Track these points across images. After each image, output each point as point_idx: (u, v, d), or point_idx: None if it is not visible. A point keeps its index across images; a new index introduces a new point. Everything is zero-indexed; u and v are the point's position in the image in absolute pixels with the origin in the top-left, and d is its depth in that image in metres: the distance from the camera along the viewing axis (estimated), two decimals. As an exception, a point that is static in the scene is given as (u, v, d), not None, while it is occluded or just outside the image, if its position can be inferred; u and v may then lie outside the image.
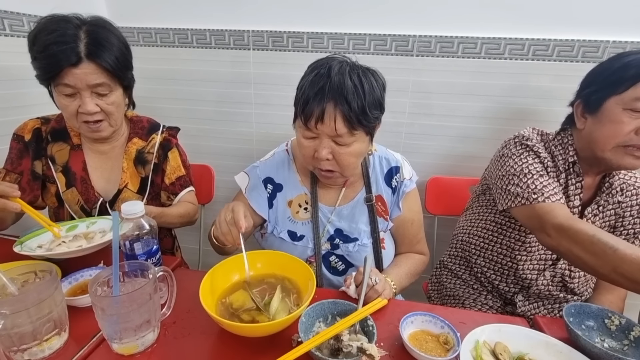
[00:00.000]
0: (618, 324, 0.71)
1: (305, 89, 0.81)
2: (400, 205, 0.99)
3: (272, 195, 1.00)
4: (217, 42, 1.46)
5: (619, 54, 0.87)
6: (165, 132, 1.12)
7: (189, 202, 1.13)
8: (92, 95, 0.89)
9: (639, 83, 0.80)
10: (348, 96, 0.77)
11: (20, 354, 0.59)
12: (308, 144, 0.85)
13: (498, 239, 1.05)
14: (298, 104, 0.83)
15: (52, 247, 0.84)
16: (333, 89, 0.77)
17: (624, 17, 1.20)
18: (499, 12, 1.25)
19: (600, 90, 0.87)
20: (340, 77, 0.78)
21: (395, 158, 1.02)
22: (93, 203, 1.03)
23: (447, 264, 1.20)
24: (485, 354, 0.62)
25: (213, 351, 0.65)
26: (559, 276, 0.99)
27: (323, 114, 0.78)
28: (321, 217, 0.98)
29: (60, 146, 1.03)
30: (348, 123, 0.79)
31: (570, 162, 0.94)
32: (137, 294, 0.59)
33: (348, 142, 0.82)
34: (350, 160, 0.85)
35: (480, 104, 1.38)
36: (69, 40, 0.83)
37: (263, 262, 0.80)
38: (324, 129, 0.80)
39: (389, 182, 1.00)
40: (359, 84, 0.79)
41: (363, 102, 0.78)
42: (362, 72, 0.81)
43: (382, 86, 0.85)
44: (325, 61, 0.82)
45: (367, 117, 0.80)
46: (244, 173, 1.03)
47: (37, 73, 0.88)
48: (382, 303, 0.73)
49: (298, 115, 0.84)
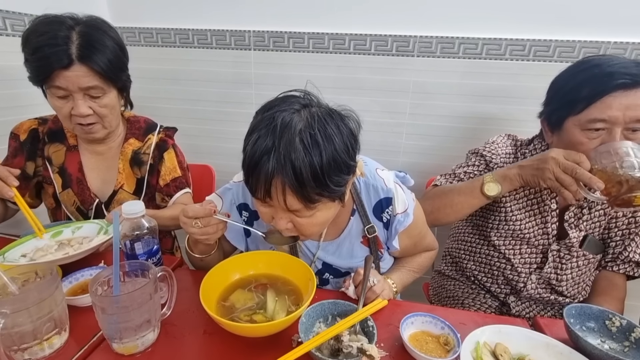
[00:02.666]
0: (619, 325, 0.71)
1: (248, 152, 0.62)
2: (394, 243, 0.86)
3: (248, 222, 0.88)
4: (218, 43, 1.46)
5: (577, 64, 0.87)
6: (162, 133, 1.10)
7: (184, 204, 1.09)
8: (84, 97, 0.88)
9: (592, 105, 0.79)
10: (296, 163, 0.58)
11: (21, 353, 0.59)
12: (264, 210, 0.69)
13: (484, 241, 1.06)
14: (243, 168, 0.65)
15: (36, 256, 0.79)
16: (278, 158, 0.59)
17: (624, 17, 1.20)
18: (500, 12, 1.25)
19: (559, 110, 0.87)
20: (289, 139, 0.59)
21: (386, 187, 0.82)
22: (89, 204, 1.03)
23: (443, 271, 1.21)
24: (485, 355, 0.62)
25: (213, 351, 0.65)
26: (544, 279, 0.99)
27: (269, 190, 0.62)
28: (306, 252, 0.87)
29: (56, 147, 1.02)
30: (302, 198, 0.62)
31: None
32: (137, 294, 0.59)
33: (308, 215, 0.66)
34: (313, 230, 0.71)
35: (481, 104, 1.38)
36: (60, 43, 0.82)
37: (263, 262, 0.80)
38: (275, 204, 0.65)
39: (378, 215, 0.84)
40: (313, 147, 0.59)
41: (318, 172, 0.59)
42: (321, 125, 0.61)
43: (351, 136, 0.66)
44: (275, 111, 0.63)
45: (326, 188, 0.62)
46: (217, 195, 0.90)
47: (29, 75, 0.87)
48: (382, 303, 0.73)
49: (244, 181, 0.68)
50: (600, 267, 1.02)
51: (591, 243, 0.96)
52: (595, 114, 0.79)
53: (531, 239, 0.97)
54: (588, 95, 0.80)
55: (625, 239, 0.96)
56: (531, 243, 0.98)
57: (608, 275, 1.02)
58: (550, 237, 0.96)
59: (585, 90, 0.81)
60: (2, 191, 0.83)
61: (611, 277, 1.01)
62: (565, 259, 0.96)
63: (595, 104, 0.79)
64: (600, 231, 0.97)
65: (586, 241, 0.95)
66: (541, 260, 0.99)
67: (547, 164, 0.81)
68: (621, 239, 0.97)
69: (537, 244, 0.97)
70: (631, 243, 0.96)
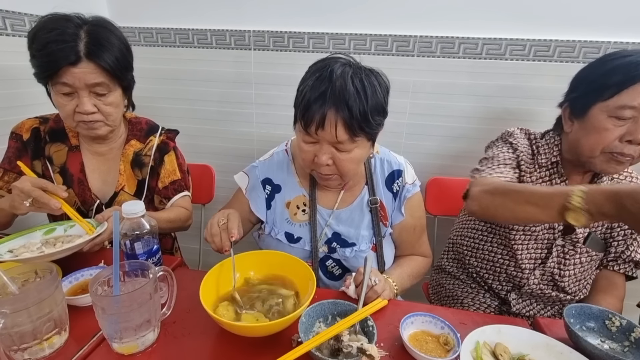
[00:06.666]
0: (619, 325, 0.71)
1: (306, 93, 0.78)
2: (402, 210, 0.97)
3: (270, 196, 0.99)
4: (218, 42, 1.46)
5: (606, 55, 0.86)
6: (164, 135, 1.10)
7: (182, 207, 1.10)
8: (90, 95, 0.89)
9: (623, 91, 0.79)
10: (350, 102, 0.74)
11: (21, 353, 0.59)
12: (308, 148, 0.83)
13: (488, 237, 1.06)
14: (298, 108, 0.81)
15: (19, 252, 0.79)
16: (334, 94, 0.75)
17: (625, 17, 1.20)
18: (500, 12, 1.25)
19: (586, 96, 0.86)
20: (342, 81, 0.75)
21: (398, 161, 0.99)
22: (90, 205, 1.03)
23: (444, 267, 1.21)
24: (485, 354, 0.62)
25: (213, 351, 0.65)
26: (548, 274, 0.99)
27: (324, 121, 0.76)
28: (319, 219, 0.97)
29: (58, 147, 1.02)
30: (349, 130, 0.76)
31: (552, 161, 0.95)
32: (137, 294, 0.59)
33: (349, 149, 0.81)
34: (350, 167, 0.84)
35: (481, 104, 1.38)
36: (68, 39, 0.83)
37: (263, 262, 0.80)
38: (325, 136, 0.78)
39: (389, 186, 0.98)
40: (361, 89, 0.76)
41: (365, 108, 0.75)
42: (366, 75, 0.78)
43: (385, 89, 0.82)
44: (327, 63, 0.79)
45: (369, 124, 0.77)
46: (244, 173, 1.03)
47: (35, 71, 0.87)
48: (382, 303, 0.73)
49: (298, 119, 0.82)
50: (602, 266, 1.02)
51: (594, 240, 0.96)
52: (625, 100, 0.79)
53: (538, 234, 0.97)
54: (619, 81, 0.79)
55: (628, 239, 0.97)
56: (538, 238, 0.98)
57: (608, 275, 1.02)
58: (556, 231, 0.96)
59: (616, 76, 0.80)
60: (49, 204, 0.80)
61: (611, 276, 1.01)
62: (569, 254, 0.97)
63: (627, 91, 0.79)
64: (603, 230, 0.98)
65: (589, 238, 0.96)
66: (545, 255, 0.99)
67: None
68: (623, 239, 0.97)
69: (542, 238, 0.98)
70: (633, 242, 0.96)
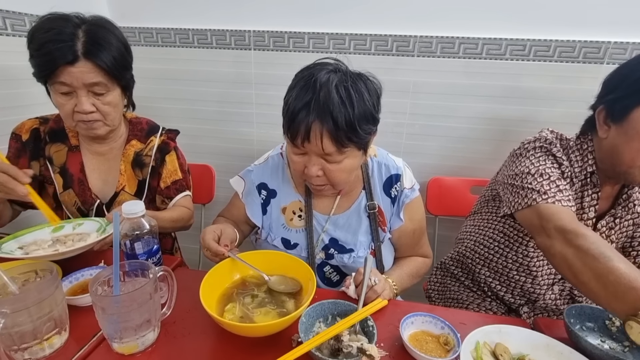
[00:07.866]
0: (619, 325, 0.71)
1: (291, 104, 0.75)
2: (401, 216, 0.95)
3: (266, 201, 0.97)
4: (218, 42, 1.46)
5: None
6: (164, 135, 1.10)
7: (183, 206, 1.10)
8: (88, 94, 0.89)
9: None
10: (334, 112, 0.71)
11: (21, 352, 0.59)
12: (298, 159, 0.81)
13: (504, 251, 1.00)
14: (284, 118, 0.79)
15: (30, 250, 0.80)
16: (318, 104, 0.72)
17: (625, 17, 1.20)
18: (500, 12, 1.25)
19: (626, 97, 0.76)
20: (327, 90, 0.72)
21: (396, 165, 0.95)
22: (90, 205, 1.03)
23: (449, 267, 1.17)
24: (485, 354, 0.62)
25: (213, 351, 0.65)
26: (567, 290, 0.95)
27: (309, 133, 0.73)
28: (316, 225, 0.95)
29: (58, 147, 1.02)
30: (336, 142, 0.74)
31: (588, 171, 0.86)
32: (137, 294, 0.59)
33: (338, 160, 0.78)
34: (341, 177, 0.82)
35: (482, 104, 1.38)
36: (66, 39, 0.83)
37: (263, 262, 0.80)
38: (311, 148, 0.76)
39: (387, 191, 0.95)
40: (346, 97, 0.72)
41: (351, 118, 0.72)
42: (353, 81, 0.75)
43: (375, 95, 0.79)
44: (312, 71, 0.76)
45: (356, 134, 0.74)
46: (239, 177, 1.01)
47: (34, 71, 0.87)
48: (382, 303, 0.73)
49: (284, 130, 0.80)
50: None
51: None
52: None
53: None
54: None
55: None
56: None
57: None
58: None
59: None
60: (16, 190, 0.80)
61: None
62: None
63: None
64: (625, 241, 0.94)
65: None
66: None
67: None
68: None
69: None
70: None
